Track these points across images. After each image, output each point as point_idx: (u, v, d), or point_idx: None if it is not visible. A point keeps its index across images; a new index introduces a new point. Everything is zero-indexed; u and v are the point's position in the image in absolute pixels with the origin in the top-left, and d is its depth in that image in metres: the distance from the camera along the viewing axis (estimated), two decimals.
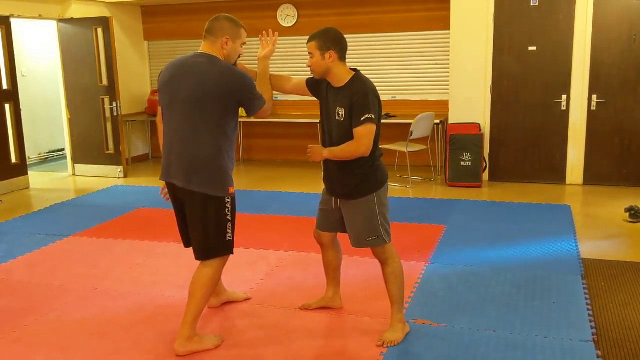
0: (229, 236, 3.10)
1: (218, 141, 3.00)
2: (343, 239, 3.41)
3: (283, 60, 8.25)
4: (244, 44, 3.20)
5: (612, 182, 6.73)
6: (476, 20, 6.83)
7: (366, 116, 2.98)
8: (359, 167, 3.09)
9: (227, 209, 3.06)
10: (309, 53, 3.10)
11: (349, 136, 3.04)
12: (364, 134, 2.99)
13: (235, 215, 3.15)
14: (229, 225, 3.09)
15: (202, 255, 3.13)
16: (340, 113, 3.05)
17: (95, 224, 5.63)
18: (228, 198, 3.06)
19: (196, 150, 2.99)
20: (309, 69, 3.16)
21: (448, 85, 7.23)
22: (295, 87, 3.38)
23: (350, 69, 3.13)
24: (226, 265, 3.45)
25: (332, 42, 3.05)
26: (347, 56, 3.15)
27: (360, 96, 3.00)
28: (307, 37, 3.14)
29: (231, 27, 3.11)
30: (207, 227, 3.07)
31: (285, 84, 3.41)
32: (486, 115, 6.99)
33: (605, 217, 5.57)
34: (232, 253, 3.17)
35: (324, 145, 3.19)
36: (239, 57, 3.22)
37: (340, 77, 3.08)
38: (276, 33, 3.37)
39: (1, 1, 6.98)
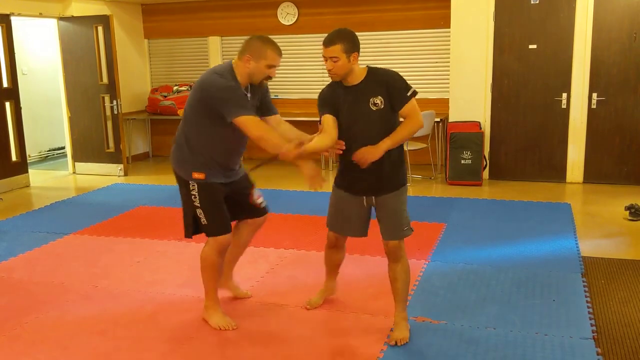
0: (203, 221, 3.29)
1: (191, 135, 3.26)
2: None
3: (284, 58, 8.24)
4: (272, 66, 3.20)
5: (612, 180, 6.73)
6: (476, 19, 6.83)
7: (411, 91, 3.07)
8: (398, 156, 3.15)
9: (193, 196, 3.28)
10: (333, 57, 3.00)
11: (382, 123, 3.05)
12: (415, 107, 3.08)
13: (214, 204, 3.28)
14: (199, 211, 3.28)
15: (184, 232, 3.44)
16: (378, 102, 3.05)
17: (95, 222, 5.63)
18: (193, 185, 3.25)
19: (177, 137, 3.35)
20: (328, 72, 3.07)
21: (448, 83, 7.23)
22: (331, 128, 3.11)
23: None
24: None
25: (354, 43, 3.06)
26: None
27: (393, 76, 3.08)
28: (308, 36, 3.14)
29: (257, 46, 3.18)
30: (183, 206, 3.38)
31: (330, 132, 3.14)
32: (486, 113, 6.99)
33: (605, 215, 5.57)
34: (212, 235, 3.31)
35: (351, 148, 3.04)
36: (268, 78, 3.24)
37: (357, 74, 3.10)
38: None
39: None
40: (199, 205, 3.27)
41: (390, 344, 3.14)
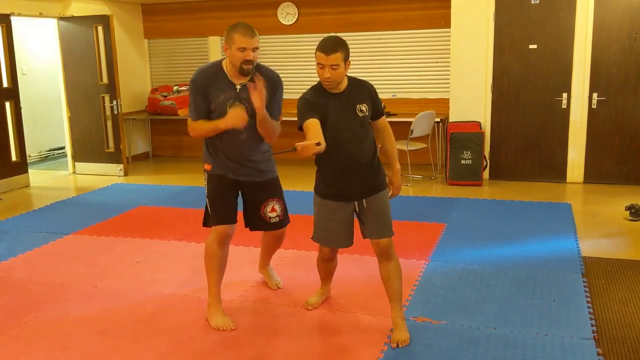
0: (209, 210, 3.44)
1: None
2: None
3: (284, 58, 8.25)
4: (243, 49, 3.12)
5: (612, 180, 6.73)
6: (477, 19, 6.83)
7: (383, 105, 3.31)
8: (378, 158, 3.24)
9: (205, 186, 3.45)
10: (334, 65, 2.97)
11: (366, 128, 3.15)
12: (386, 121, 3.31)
13: (216, 195, 3.39)
14: (207, 201, 3.43)
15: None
16: (364, 109, 3.13)
17: (95, 222, 5.63)
18: (205, 175, 3.43)
19: None
20: (327, 79, 3.00)
21: (449, 83, 7.23)
22: (319, 132, 2.99)
23: None
24: (228, 262, 3.49)
25: (349, 51, 3.07)
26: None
27: (373, 87, 3.22)
28: (308, 36, 3.13)
29: (228, 33, 3.21)
30: None
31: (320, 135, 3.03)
32: (487, 113, 6.99)
33: (605, 215, 5.57)
34: (207, 225, 3.47)
35: (338, 154, 3.01)
36: (247, 62, 3.15)
37: (344, 81, 3.13)
38: None
39: None
40: (206, 194, 3.44)
41: (392, 346, 3.14)
